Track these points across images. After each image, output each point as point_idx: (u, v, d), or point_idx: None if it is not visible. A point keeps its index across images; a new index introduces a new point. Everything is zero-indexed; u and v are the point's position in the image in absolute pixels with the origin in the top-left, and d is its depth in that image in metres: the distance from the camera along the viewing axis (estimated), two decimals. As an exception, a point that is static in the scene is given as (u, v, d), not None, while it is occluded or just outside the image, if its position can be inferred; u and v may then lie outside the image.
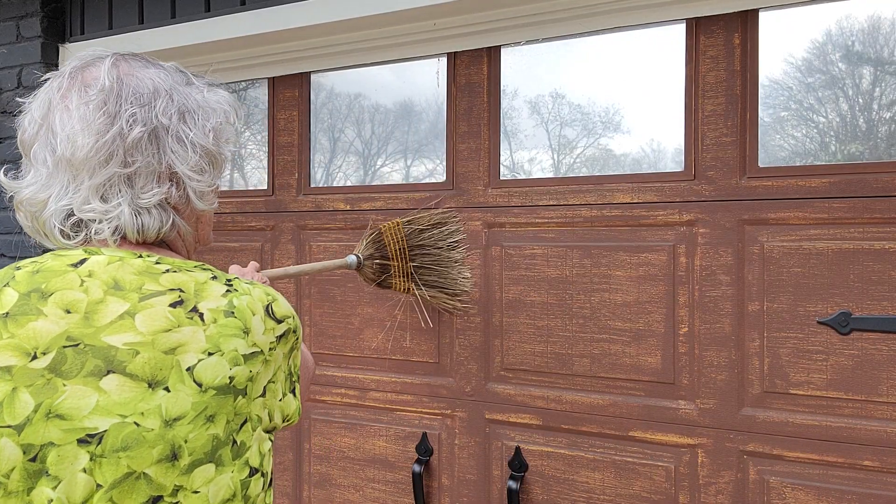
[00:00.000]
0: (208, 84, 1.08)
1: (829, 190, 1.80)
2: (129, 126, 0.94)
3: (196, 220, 1.06)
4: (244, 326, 0.90)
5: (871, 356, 1.75)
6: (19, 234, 2.81)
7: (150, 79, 1.00)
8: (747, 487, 1.87)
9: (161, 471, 0.82)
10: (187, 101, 1.00)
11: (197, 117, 1.00)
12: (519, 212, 2.16)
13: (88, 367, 0.83)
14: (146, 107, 0.96)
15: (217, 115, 1.03)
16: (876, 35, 1.80)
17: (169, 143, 0.96)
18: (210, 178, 1.01)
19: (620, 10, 2.02)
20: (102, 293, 0.88)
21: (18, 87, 2.80)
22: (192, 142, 0.97)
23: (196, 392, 0.84)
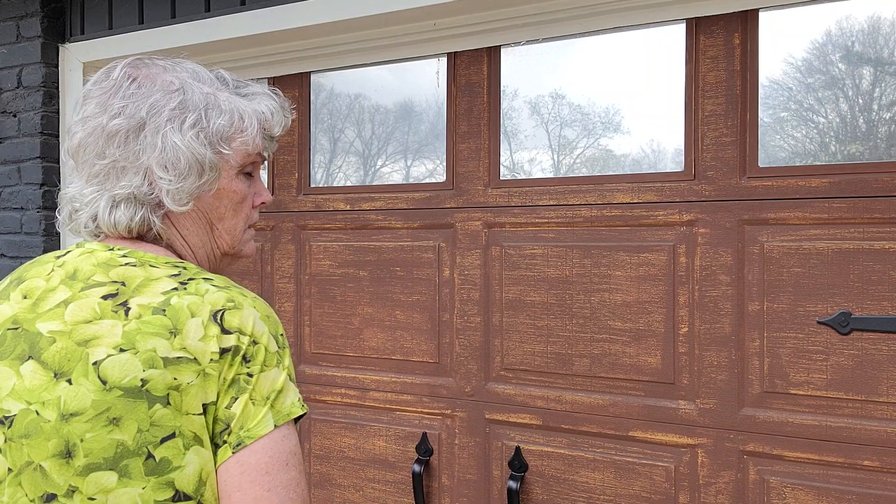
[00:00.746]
0: (252, 92, 1.04)
1: (829, 190, 1.80)
2: (111, 118, 0.94)
3: (207, 223, 1.01)
4: (172, 326, 0.83)
5: (871, 356, 1.75)
6: (20, 234, 2.81)
7: (164, 78, 0.98)
8: (747, 487, 1.87)
9: (55, 466, 0.81)
10: (194, 98, 0.97)
11: (194, 117, 0.95)
12: (519, 212, 2.16)
13: (17, 351, 0.86)
14: (138, 102, 0.94)
15: (224, 116, 0.98)
16: (876, 35, 1.80)
17: (148, 138, 0.94)
18: (183, 181, 0.94)
19: (620, 10, 2.02)
20: (59, 282, 0.91)
21: (18, 86, 2.80)
22: (171, 140, 0.93)
23: (99, 389, 0.81)
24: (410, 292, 2.32)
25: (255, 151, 1.02)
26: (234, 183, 1.01)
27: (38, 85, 2.75)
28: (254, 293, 0.94)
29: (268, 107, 1.03)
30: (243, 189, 1.02)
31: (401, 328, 2.33)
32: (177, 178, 0.94)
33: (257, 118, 1.01)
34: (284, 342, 0.90)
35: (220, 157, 0.97)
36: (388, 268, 2.36)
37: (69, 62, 2.78)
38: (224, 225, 1.02)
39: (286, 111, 1.07)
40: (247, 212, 1.05)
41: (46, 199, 2.76)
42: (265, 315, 0.89)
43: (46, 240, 2.76)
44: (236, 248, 1.05)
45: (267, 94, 1.05)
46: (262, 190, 1.08)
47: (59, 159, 2.80)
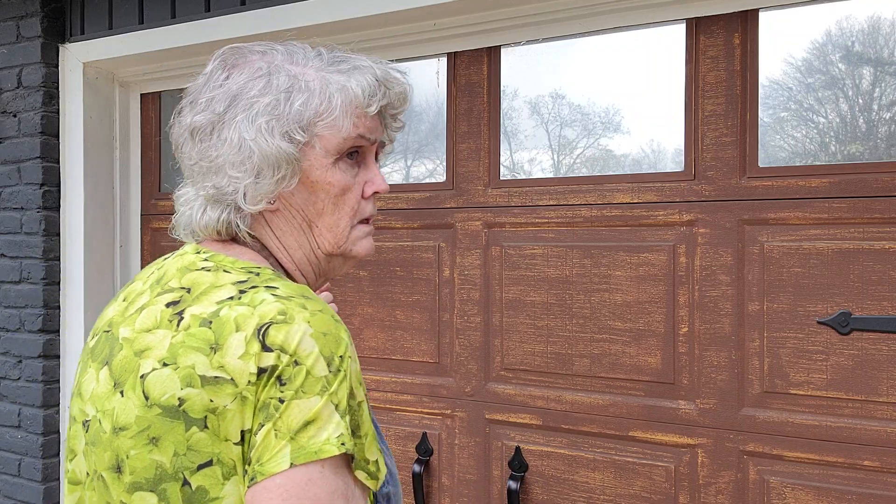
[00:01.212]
0: (351, 66, 0.89)
1: (830, 190, 1.80)
2: (194, 115, 0.88)
3: (304, 221, 0.90)
4: (214, 341, 0.74)
5: (871, 356, 1.75)
6: (19, 235, 2.81)
7: (255, 64, 0.88)
8: (747, 487, 1.87)
9: (111, 479, 0.77)
10: (277, 82, 0.86)
11: (269, 101, 0.85)
12: (519, 212, 2.16)
13: (103, 355, 0.85)
14: (222, 94, 0.87)
15: (302, 97, 0.86)
16: (876, 35, 1.80)
17: (224, 133, 0.86)
18: (255, 177, 0.85)
19: (620, 10, 2.02)
20: (148, 286, 0.88)
21: (18, 86, 2.80)
22: (241, 133, 0.85)
23: (142, 405, 0.75)
24: (410, 292, 2.32)
25: (355, 134, 0.88)
26: (329, 173, 0.88)
27: (38, 85, 2.75)
28: (328, 307, 0.80)
29: (359, 82, 0.87)
30: (343, 179, 0.89)
31: (401, 328, 2.33)
32: (246, 175, 0.85)
33: (342, 96, 0.87)
34: (344, 367, 0.75)
35: (298, 146, 0.85)
36: (388, 268, 2.36)
37: (69, 62, 2.78)
38: (324, 222, 0.90)
39: (391, 84, 0.91)
40: (352, 204, 0.90)
41: (46, 199, 2.76)
42: (320, 332, 0.75)
43: (46, 240, 2.76)
44: (343, 247, 0.91)
45: (365, 68, 0.89)
46: (375, 178, 0.93)
47: (58, 159, 2.80)
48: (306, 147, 0.86)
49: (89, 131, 2.78)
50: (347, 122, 0.87)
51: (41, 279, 2.75)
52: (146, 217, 2.92)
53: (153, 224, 2.91)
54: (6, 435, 2.86)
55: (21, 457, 2.82)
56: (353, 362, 0.76)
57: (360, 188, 0.91)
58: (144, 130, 2.94)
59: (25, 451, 2.80)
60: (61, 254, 2.80)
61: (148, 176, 2.93)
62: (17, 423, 2.82)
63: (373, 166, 0.93)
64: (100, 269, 2.83)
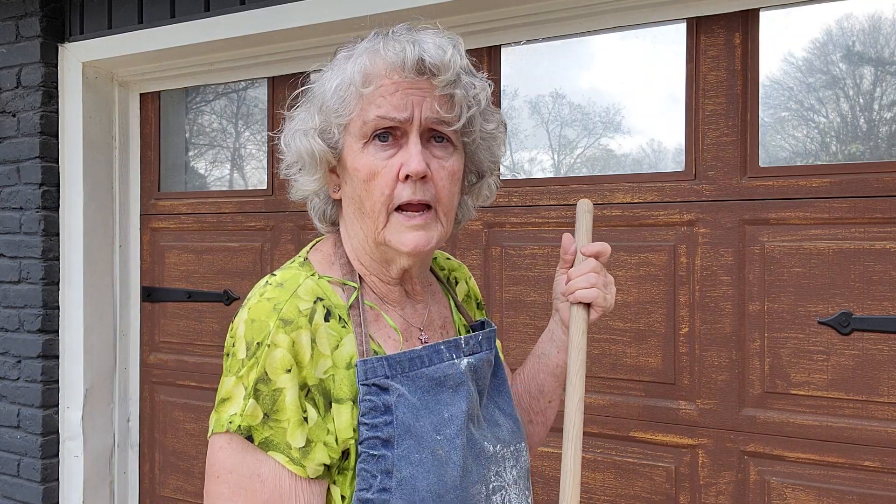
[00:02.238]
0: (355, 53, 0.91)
1: (830, 190, 1.79)
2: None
3: (357, 209, 0.92)
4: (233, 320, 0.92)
5: (871, 356, 1.75)
6: (18, 234, 2.80)
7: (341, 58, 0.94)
8: (748, 488, 1.87)
9: None
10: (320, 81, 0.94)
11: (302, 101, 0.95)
12: (519, 211, 2.16)
13: None
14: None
15: (318, 89, 0.92)
16: (877, 35, 1.80)
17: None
18: (291, 171, 0.96)
19: (620, 9, 2.02)
20: None
21: (18, 86, 2.80)
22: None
23: None
24: (410, 292, 2.31)
25: (373, 115, 0.86)
26: (357, 157, 0.88)
27: (38, 85, 2.74)
28: (283, 294, 0.86)
29: (356, 64, 0.88)
30: (369, 163, 0.87)
31: (401, 328, 2.33)
32: (291, 168, 0.96)
33: (339, 80, 0.89)
34: (258, 353, 0.82)
35: (313, 138, 0.91)
36: (387, 268, 2.35)
37: (68, 62, 2.77)
38: (364, 208, 0.89)
39: (386, 53, 0.87)
40: (382, 188, 0.87)
41: (45, 198, 2.75)
42: (251, 319, 0.84)
43: (45, 240, 2.75)
44: (380, 235, 0.89)
45: (382, 46, 0.89)
46: (409, 159, 0.86)
47: (58, 159, 2.80)
48: (343, 136, 0.90)
49: (88, 131, 2.77)
50: (356, 106, 0.88)
51: (40, 279, 2.75)
52: (145, 217, 2.92)
53: (152, 224, 2.90)
54: (5, 435, 2.85)
55: (20, 457, 2.81)
56: (273, 349, 0.82)
57: (393, 171, 0.87)
58: (144, 130, 2.94)
59: (24, 451, 2.80)
60: (60, 254, 2.79)
61: (147, 176, 2.93)
62: (17, 424, 2.82)
63: (411, 145, 0.87)
64: (99, 269, 2.83)
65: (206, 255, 2.76)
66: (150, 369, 2.91)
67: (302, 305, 0.85)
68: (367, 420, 0.85)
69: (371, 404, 0.86)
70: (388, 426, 0.86)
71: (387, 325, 0.95)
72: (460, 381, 0.93)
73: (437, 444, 0.87)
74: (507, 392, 1.07)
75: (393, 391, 0.87)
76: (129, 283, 2.93)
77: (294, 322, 0.83)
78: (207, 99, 2.91)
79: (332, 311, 0.88)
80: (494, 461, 0.96)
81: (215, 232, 2.74)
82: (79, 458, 2.77)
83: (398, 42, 0.89)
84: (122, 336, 2.92)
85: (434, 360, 0.93)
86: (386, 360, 0.88)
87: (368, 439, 0.85)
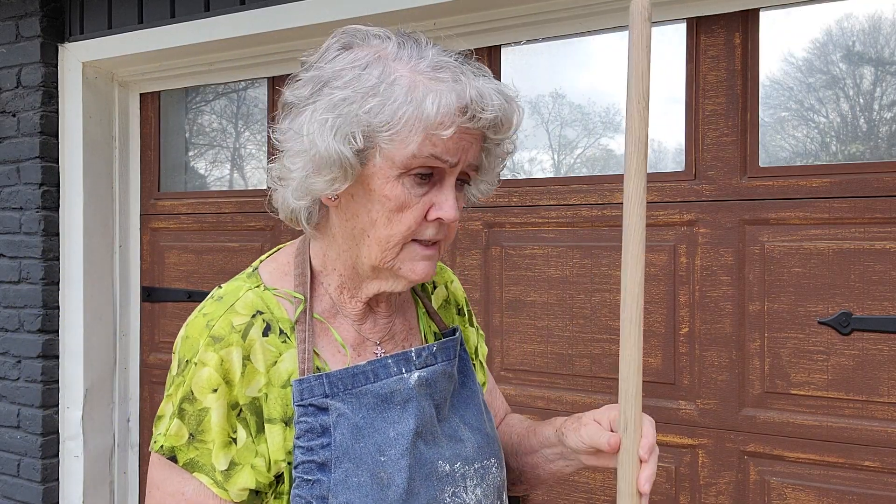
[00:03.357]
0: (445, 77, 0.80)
1: (830, 190, 1.79)
2: (290, 89, 0.86)
3: (358, 227, 0.86)
4: None
5: (871, 356, 1.75)
6: (18, 234, 2.80)
7: (363, 51, 0.83)
8: (748, 488, 1.87)
9: None
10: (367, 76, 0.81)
11: (343, 97, 0.80)
12: (519, 212, 2.16)
13: None
14: (318, 76, 0.83)
15: (375, 101, 0.79)
16: (877, 35, 1.80)
17: (296, 119, 0.85)
18: (302, 173, 0.83)
19: (620, 9, 2.01)
20: None
21: (18, 86, 2.80)
22: (303, 124, 0.83)
23: None
24: (410, 292, 2.31)
25: (426, 153, 0.80)
26: (389, 186, 0.81)
27: (38, 85, 2.74)
28: (219, 309, 0.85)
29: (437, 100, 0.78)
30: (402, 195, 0.82)
31: (401, 328, 2.33)
32: (300, 169, 0.82)
33: (413, 111, 0.78)
34: (186, 371, 0.82)
35: (357, 150, 0.80)
36: (387, 268, 2.35)
37: (68, 62, 2.77)
38: (375, 233, 0.84)
39: (482, 108, 0.80)
40: (409, 224, 0.83)
41: (45, 198, 2.75)
42: (185, 335, 0.84)
43: (45, 240, 2.75)
44: (388, 263, 0.85)
45: (460, 83, 0.80)
46: (444, 203, 0.83)
47: (58, 159, 2.80)
48: (369, 153, 0.80)
49: (88, 131, 2.77)
50: (414, 138, 0.79)
51: (40, 279, 2.75)
52: (145, 217, 2.92)
53: (152, 224, 2.90)
54: (5, 435, 2.85)
55: (20, 457, 2.81)
56: (199, 368, 0.81)
57: (423, 209, 0.83)
58: (144, 130, 2.94)
59: (24, 451, 2.80)
60: (60, 254, 2.79)
61: (147, 176, 2.93)
62: (17, 424, 2.82)
63: (447, 189, 0.84)
64: (99, 269, 2.83)
65: (206, 255, 2.76)
66: (150, 369, 2.91)
67: (237, 321, 0.83)
68: (302, 443, 0.82)
69: (307, 426, 0.82)
70: (324, 449, 0.82)
71: (335, 340, 0.91)
72: (408, 396, 0.88)
73: (380, 467, 0.83)
74: (476, 405, 0.99)
75: (332, 411, 0.83)
76: (129, 283, 2.93)
77: (224, 339, 0.81)
78: (207, 99, 2.91)
79: (273, 325, 0.85)
80: (451, 481, 0.89)
81: (215, 232, 2.74)
82: (79, 458, 2.77)
83: (481, 90, 0.81)
84: (122, 336, 2.92)
85: (380, 375, 0.87)
86: (326, 377, 0.84)
87: (303, 463, 0.81)
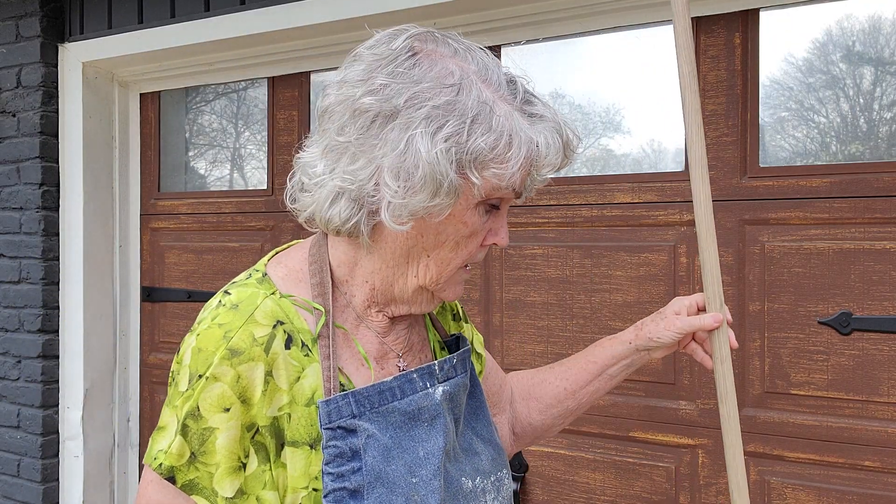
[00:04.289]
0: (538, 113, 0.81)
1: (830, 190, 1.79)
2: (365, 93, 0.79)
3: (417, 247, 0.83)
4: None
5: (871, 356, 1.75)
6: (19, 234, 2.80)
7: (445, 65, 0.79)
8: (748, 488, 1.87)
9: None
10: (467, 101, 0.78)
11: (455, 126, 0.77)
12: (519, 212, 2.16)
13: None
14: (402, 85, 0.78)
15: (490, 136, 0.77)
16: (877, 35, 1.80)
17: (394, 132, 0.78)
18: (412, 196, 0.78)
19: (620, 9, 2.01)
20: None
21: (18, 86, 2.80)
22: (416, 146, 0.76)
23: None
24: (410, 292, 2.31)
25: (511, 186, 0.80)
26: (468, 213, 0.81)
27: (38, 85, 2.74)
28: (237, 319, 0.78)
29: (546, 140, 0.80)
30: (476, 223, 0.82)
31: (401, 328, 2.33)
32: (404, 191, 0.76)
33: (527, 150, 0.79)
34: (197, 386, 0.75)
35: (465, 181, 0.78)
36: (387, 268, 2.35)
37: (68, 62, 2.77)
38: (437, 255, 0.83)
39: (569, 151, 0.83)
40: (471, 249, 0.84)
41: (46, 198, 2.75)
42: (198, 347, 0.77)
43: (45, 240, 2.75)
44: (439, 285, 0.85)
45: (553, 123, 0.81)
46: (500, 229, 0.86)
47: (58, 159, 2.80)
48: (468, 184, 0.78)
49: (88, 131, 2.77)
50: (518, 174, 0.79)
51: (40, 279, 2.75)
52: (145, 217, 2.92)
53: (152, 224, 2.90)
54: (5, 435, 2.85)
55: (20, 457, 2.81)
56: (211, 384, 0.74)
57: (483, 235, 0.85)
58: (144, 130, 2.94)
59: (24, 451, 2.80)
60: (60, 254, 2.79)
61: (147, 176, 2.93)
62: (17, 424, 2.82)
63: (503, 217, 0.86)
64: (99, 269, 2.83)
65: (206, 255, 2.76)
66: (150, 369, 2.91)
67: (258, 332, 0.77)
68: (331, 469, 0.76)
69: (336, 451, 0.77)
70: (355, 474, 0.77)
71: (358, 352, 0.86)
72: (436, 412, 0.85)
73: (412, 489, 0.79)
74: (485, 415, 0.97)
75: (361, 433, 0.78)
76: (129, 283, 2.93)
77: (245, 353, 0.75)
78: (207, 99, 2.91)
79: (295, 336, 0.79)
80: (474, 497, 0.88)
81: (215, 232, 2.74)
82: (79, 458, 2.77)
83: (568, 135, 0.83)
84: (122, 336, 2.92)
85: (406, 391, 0.83)
86: (352, 396, 0.79)
87: (334, 491, 0.76)
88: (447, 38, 0.82)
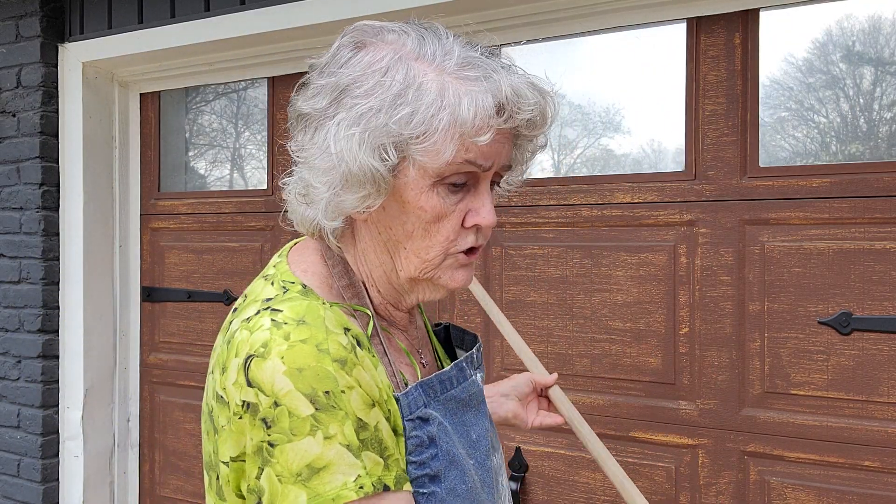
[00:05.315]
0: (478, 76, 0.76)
1: (830, 190, 1.79)
2: (304, 99, 0.81)
3: (391, 240, 0.82)
4: (224, 362, 0.76)
5: (871, 356, 1.75)
6: (18, 234, 2.80)
7: (380, 51, 0.79)
8: (748, 488, 1.87)
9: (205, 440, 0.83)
10: (391, 81, 0.76)
11: (369, 107, 0.75)
12: (519, 212, 2.16)
13: None
14: (335, 81, 0.78)
15: (406, 109, 0.74)
16: (877, 35, 1.80)
17: (317, 132, 0.80)
18: (332, 191, 0.78)
19: (620, 9, 2.02)
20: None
21: (18, 86, 2.80)
22: (327, 140, 0.77)
23: (205, 401, 0.82)
24: (410, 292, 2.31)
25: (460, 160, 0.76)
26: (423, 197, 0.78)
27: (38, 85, 2.74)
28: (324, 336, 0.73)
29: (473, 103, 0.74)
30: (438, 206, 0.78)
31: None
32: (327, 187, 0.77)
33: (449, 117, 0.74)
34: (338, 402, 0.70)
35: (389, 164, 0.75)
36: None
37: (68, 62, 2.77)
38: (412, 245, 0.81)
39: (518, 106, 0.76)
40: (446, 234, 0.80)
41: (45, 199, 2.75)
42: (295, 368, 0.70)
43: (45, 240, 2.75)
44: (428, 273, 0.82)
45: (493, 81, 0.75)
46: (481, 208, 0.81)
47: (58, 159, 2.80)
48: (402, 164, 0.76)
49: (88, 131, 2.77)
50: (450, 146, 0.74)
51: (40, 279, 2.75)
52: (145, 217, 2.92)
53: (152, 224, 2.90)
54: (5, 435, 2.85)
55: (20, 457, 2.81)
56: (350, 392, 0.71)
57: (459, 216, 0.80)
58: (144, 130, 2.94)
59: (24, 451, 2.80)
60: (60, 254, 2.79)
61: (147, 176, 2.93)
62: (17, 424, 2.82)
63: (483, 194, 0.81)
64: (99, 269, 2.83)
65: (206, 255, 2.76)
66: (150, 369, 2.91)
67: (342, 340, 0.74)
68: (414, 458, 0.78)
69: (418, 440, 0.78)
70: (434, 460, 0.78)
71: (400, 349, 0.88)
72: (481, 398, 0.90)
73: (472, 470, 0.82)
74: (482, 394, 1.03)
75: (433, 420, 0.80)
76: (129, 283, 2.93)
77: (348, 360, 0.73)
78: (207, 99, 2.91)
79: (361, 340, 0.78)
80: (497, 473, 0.93)
81: (215, 232, 2.74)
82: (79, 458, 2.77)
83: (516, 87, 0.76)
84: (122, 336, 2.92)
85: (460, 378, 0.86)
86: (421, 387, 0.80)
87: (418, 478, 0.77)
88: (389, 25, 0.81)
